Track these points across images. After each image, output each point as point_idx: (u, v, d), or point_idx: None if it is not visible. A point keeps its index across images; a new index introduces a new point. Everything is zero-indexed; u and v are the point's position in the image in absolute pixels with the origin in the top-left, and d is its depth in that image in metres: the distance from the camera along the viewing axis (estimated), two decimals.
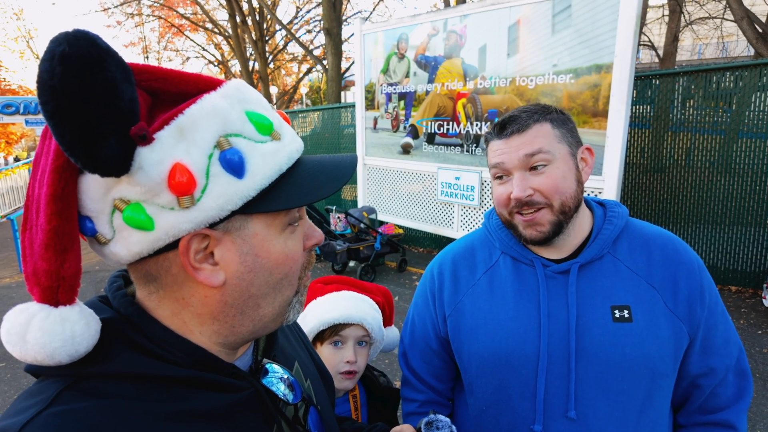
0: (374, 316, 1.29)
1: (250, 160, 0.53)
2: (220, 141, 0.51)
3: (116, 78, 0.44)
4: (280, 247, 0.58)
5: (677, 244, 1.02)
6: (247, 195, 0.52)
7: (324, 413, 0.76)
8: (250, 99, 0.56)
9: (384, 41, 6.02)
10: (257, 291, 0.57)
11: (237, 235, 0.54)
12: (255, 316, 0.59)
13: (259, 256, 0.56)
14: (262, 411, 0.62)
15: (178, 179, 0.49)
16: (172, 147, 0.49)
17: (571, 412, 0.94)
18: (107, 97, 0.44)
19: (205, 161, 0.50)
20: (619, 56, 3.98)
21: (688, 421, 1.03)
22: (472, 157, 5.33)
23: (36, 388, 0.51)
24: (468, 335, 1.06)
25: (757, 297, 4.98)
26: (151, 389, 0.53)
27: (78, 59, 0.42)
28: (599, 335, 0.94)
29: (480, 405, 1.06)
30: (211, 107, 0.52)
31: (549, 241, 1.00)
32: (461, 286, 1.10)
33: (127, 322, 0.55)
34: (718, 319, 0.99)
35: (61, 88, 0.42)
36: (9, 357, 4.21)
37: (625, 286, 0.98)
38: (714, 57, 15.40)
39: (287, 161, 0.56)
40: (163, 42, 22.83)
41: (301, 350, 0.82)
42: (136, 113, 0.46)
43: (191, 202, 0.50)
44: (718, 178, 5.07)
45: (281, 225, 0.58)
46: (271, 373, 0.65)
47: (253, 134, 0.54)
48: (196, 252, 0.53)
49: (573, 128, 1.03)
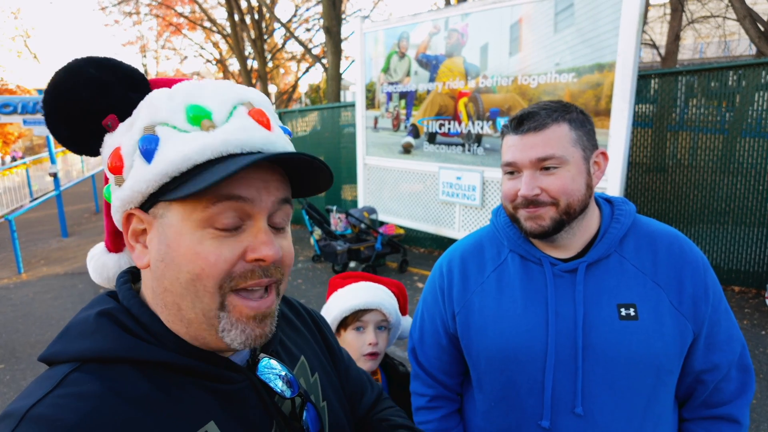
0: (390, 302, 1.42)
1: (163, 147, 0.55)
2: (145, 128, 0.56)
3: (106, 83, 0.60)
4: (189, 242, 0.55)
5: (683, 243, 1.04)
6: (151, 180, 0.55)
7: (332, 406, 0.77)
8: (203, 93, 0.58)
9: (385, 40, 6.00)
10: (170, 286, 0.57)
11: (159, 222, 0.57)
12: (180, 317, 0.58)
13: (170, 247, 0.56)
14: (260, 404, 0.63)
15: (112, 160, 0.58)
16: (121, 134, 0.59)
17: (578, 408, 0.97)
18: (87, 95, 0.59)
19: (134, 146, 0.57)
20: (622, 55, 3.96)
21: (693, 415, 1.06)
22: (473, 157, 5.31)
23: (46, 374, 0.55)
24: (477, 332, 1.08)
25: (760, 297, 4.96)
26: (150, 374, 0.56)
27: (69, 70, 0.59)
28: (606, 333, 0.97)
29: (489, 401, 1.09)
30: (149, 98, 0.59)
31: (548, 236, 1.01)
32: (470, 283, 1.12)
33: (128, 313, 0.59)
34: (721, 316, 1.02)
35: (49, 86, 0.59)
36: (7, 359, 4.18)
37: (631, 284, 0.99)
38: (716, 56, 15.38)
39: (199, 151, 0.54)
40: (161, 41, 22.76)
41: (316, 345, 0.83)
42: (115, 108, 0.60)
43: (121, 181, 0.58)
44: (720, 177, 5.06)
45: (198, 221, 0.55)
46: (268, 368, 0.66)
47: (180, 124, 0.56)
48: (135, 232, 0.60)
49: (591, 130, 1.03)
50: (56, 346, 0.58)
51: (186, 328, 0.59)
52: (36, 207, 10.32)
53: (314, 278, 6.15)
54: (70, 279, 6.45)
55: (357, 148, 6.69)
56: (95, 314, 0.58)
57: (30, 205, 9.34)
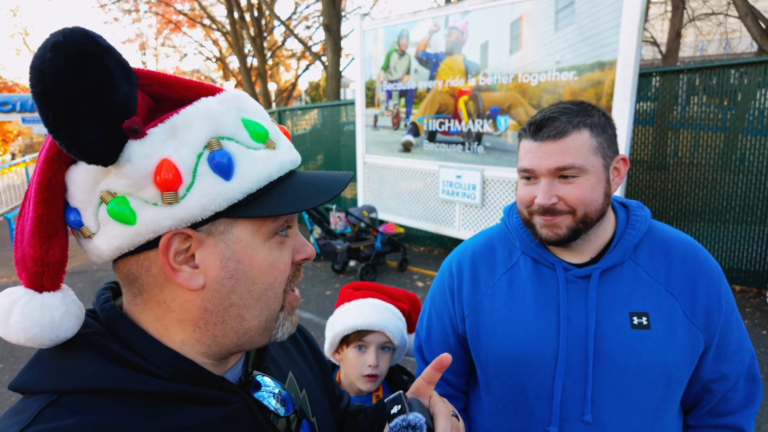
0: (396, 324, 1.36)
1: (240, 163, 0.53)
2: (210, 142, 0.52)
3: (112, 73, 0.46)
4: (264, 255, 0.57)
5: (698, 252, 1.03)
6: (232, 197, 0.52)
7: (320, 422, 0.76)
8: (248, 108, 0.58)
9: (384, 38, 5.97)
10: (239, 300, 0.56)
11: (220, 239, 0.54)
12: (239, 328, 0.58)
13: (241, 263, 0.55)
14: (252, 424, 0.61)
15: (164, 174, 0.50)
16: (162, 143, 0.50)
17: (587, 416, 0.96)
18: (98, 86, 0.45)
19: (193, 160, 0.51)
20: (623, 53, 3.94)
21: (698, 423, 1.05)
22: (473, 156, 5.28)
23: (19, 407, 0.51)
24: (487, 335, 1.07)
25: (761, 296, 4.95)
26: (134, 405, 0.52)
27: (69, 48, 0.44)
28: (617, 341, 0.96)
29: (497, 403, 1.08)
30: (205, 109, 0.53)
31: (563, 244, 1.00)
32: (481, 285, 1.11)
33: (112, 335, 0.55)
34: (733, 326, 1.01)
35: (49, 72, 0.44)
36: (6, 358, 4.17)
37: (645, 293, 0.98)
38: (717, 53, 15.34)
39: (278, 169, 0.57)
40: (161, 38, 22.70)
41: (300, 359, 0.82)
42: (130, 108, 0.48)
43: (175, 198, 0.51)
44: (722, 175, 5.04)
45: (267, 233, 0.57)
46: (262, 386, 0.64)
47: (246, 140, 0.55)
48: (177, 252, 0.53)
49: (613, 135, 1.00)
50: (29, 375, 0.53)
51: (237, 338, 0.58)
52: None
53: (314, 277, 6.14)
54: (69, 278, 6.42)
55: (357, 147, 6.67)
56: (74, 340, 0.54)
57: None
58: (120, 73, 0.47)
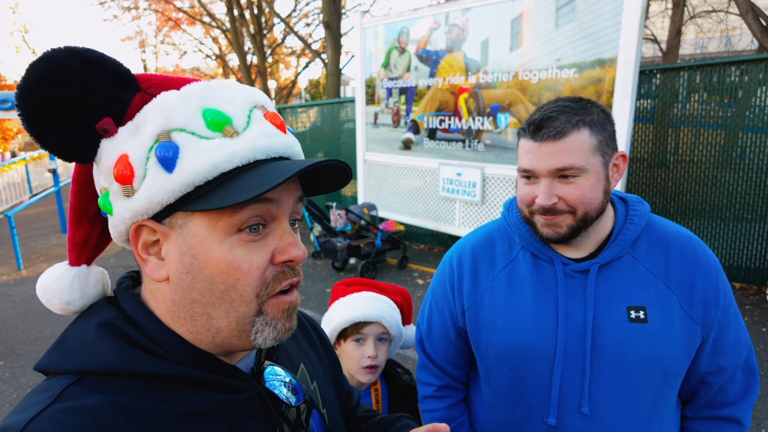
0: (392, 315, 1.39)
1: (185, 154, 0.52)
2: (159, 134, 0.53)
3: (95, 80, 0.52)
4: (221, 253, 0.54)
5: (696, 246, 1.03)
6: (174, 190, 0.52)
7: (330, 415, 0.77)
8: (219, 96, 0.56)
9: (385, 35, 5.96)
10: (200, 296, 0.55)
11: (179, 233, 0.55)
12: (209, 326, 0.57)
13: (197, 258, 0.54)
14: (263, 413, 0.62)
15: (119, 169, 0.53)
16: (125, 140, 0.54)
17: (584, 408, 0.98)
18: (76, 94, 0.52)
19: (145, 153, 0.53)
20: (623, 50, 3.94)
21: (695, 415, 1.07)
22: (474, 153, 5.28)
23: (43, 386, 0.53)
24: (486, 329, 1.09)
25: (761, 294, 4.96)
26: (152, 388, 0.54)
27: (43, 65, 0.51)
28: (615, 335, 0.97)
29: (496, 394, 1.10)
30: (160, 102, 0.54)
31: (564, 242, 1.01)
32: (481, 279, 1.12)
33: (131, 320, 0.57)
34: (730, 320, 1.02)
35: (21, 87, 0.51)
36: (7, 356, 4.18)
37: (642, 287, 0.99)
38: (718, 51, 15.30)
39: (227, 159, 0.53)
40: (161, 36, 22.66)
41: (312, 353, 0.83)
42: (113, 110, 0.54)
43: (131, 191, 0.54)
44: (722, 173, 5.04)
45: (226, 229, 0.54)
46: (273, 375, 0.65)
47: (199, 129, 0.53)
48: (147, 244, 0.56)
49: (612, 132, 1.01)
50: (53, 356, 0.56)
51: (212, 337, 0.57)
52: (35, 203, 10.30)
53: (314, 275, 6.14)
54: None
55: (357, 144, 6.67)
56: (96, 325, 0.56)
57: (29, 202, 9.32)
58: (111, 80, 0.53)
